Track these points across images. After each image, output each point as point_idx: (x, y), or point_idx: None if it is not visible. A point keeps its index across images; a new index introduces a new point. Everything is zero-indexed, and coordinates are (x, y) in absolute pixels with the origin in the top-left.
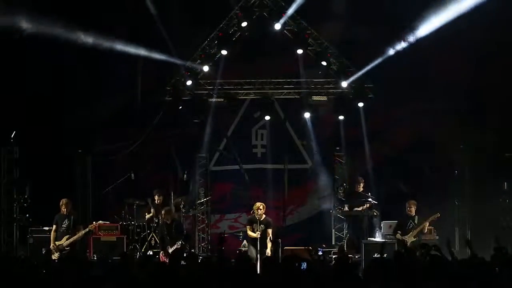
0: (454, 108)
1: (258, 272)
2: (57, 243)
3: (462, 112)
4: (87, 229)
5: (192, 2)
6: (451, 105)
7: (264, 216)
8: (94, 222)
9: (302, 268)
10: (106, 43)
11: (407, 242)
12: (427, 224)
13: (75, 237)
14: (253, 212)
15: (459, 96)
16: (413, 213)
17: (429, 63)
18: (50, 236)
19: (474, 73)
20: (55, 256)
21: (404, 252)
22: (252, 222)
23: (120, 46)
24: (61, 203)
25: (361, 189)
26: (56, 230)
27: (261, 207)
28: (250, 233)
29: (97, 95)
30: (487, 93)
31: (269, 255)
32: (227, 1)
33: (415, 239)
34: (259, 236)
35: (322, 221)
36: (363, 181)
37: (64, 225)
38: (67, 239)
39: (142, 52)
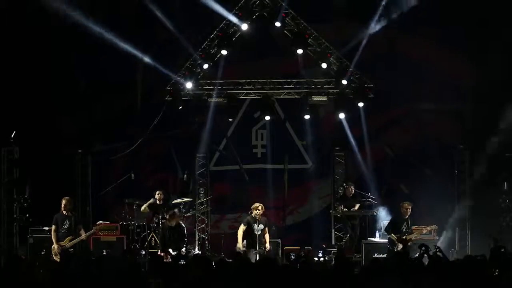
0: (454, 108)
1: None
2: (60, 243)
3: (462, 112)
4: (92, 231)
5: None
6: (451, 105)
7: (262, 217)
8: (101, 222)
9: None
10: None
11: (400, 242)
12: (423, 231)
13: (78, 238)
14: (251, 212)
15: (459, 96)
16: (407, 215)
17: (429, 62)
18: (50, 236)
19: (474, 72)
20: (56, 258)
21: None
22: (251, 223)
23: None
24: (63, 201)
25: (352, 192)
26: (56, 231)
27: (259, 208)
28: (239, 236)
29: (97, 95)
30: (487, 92)
31: (268, 248)
32: (227, 1)
33: (409, 243)
34: (244, 249)
35: (322, 221)
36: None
37: (65, 226)
38: (70, 240)
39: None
